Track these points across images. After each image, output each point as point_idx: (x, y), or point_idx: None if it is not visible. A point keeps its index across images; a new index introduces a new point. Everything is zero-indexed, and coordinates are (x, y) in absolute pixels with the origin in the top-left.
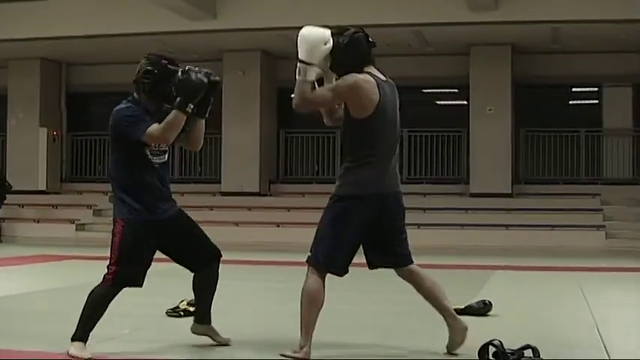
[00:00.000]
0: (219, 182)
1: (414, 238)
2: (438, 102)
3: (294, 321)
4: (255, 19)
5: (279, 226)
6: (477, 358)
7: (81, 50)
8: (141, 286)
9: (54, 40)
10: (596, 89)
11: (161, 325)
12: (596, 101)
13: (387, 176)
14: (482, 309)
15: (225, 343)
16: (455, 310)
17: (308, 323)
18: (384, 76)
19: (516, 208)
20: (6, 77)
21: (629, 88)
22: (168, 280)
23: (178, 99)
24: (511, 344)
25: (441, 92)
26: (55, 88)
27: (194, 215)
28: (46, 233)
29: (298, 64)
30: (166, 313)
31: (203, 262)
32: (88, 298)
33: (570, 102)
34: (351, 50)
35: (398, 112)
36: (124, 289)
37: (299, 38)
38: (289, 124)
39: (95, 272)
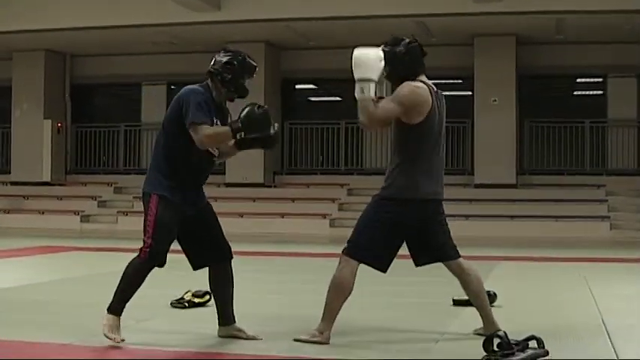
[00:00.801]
0: (224, 173)
1: None
2: (443, 93)
3: (299, 312)
4: (259, 11)
5: (283, 217)
6: (481, 349)
7: (85, 42)
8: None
9: (58, 32)
10: (600, 80)
11: (166, 317)
12: (601, 92)
13: (432, 183)
14: None
15: (254, 338)
16: (460, 301)
17: (332, 309)
18: (434, 86)
19: (521, 198)
20: (10, 69)
21: (633, 79)
22: (172, 272)
23: (239, 122)
24: (515, 335)
25: (444, 83)
26: (60, 80)
27: None
28: (50, 225)
29: (358, 84)
30: (171, 304)
31: (207, 261)
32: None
33: (575, 93)
34: (407, 60)
35: (444, 121)
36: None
37: (354, 60)
38: (294, 115)
39: (100, 263)
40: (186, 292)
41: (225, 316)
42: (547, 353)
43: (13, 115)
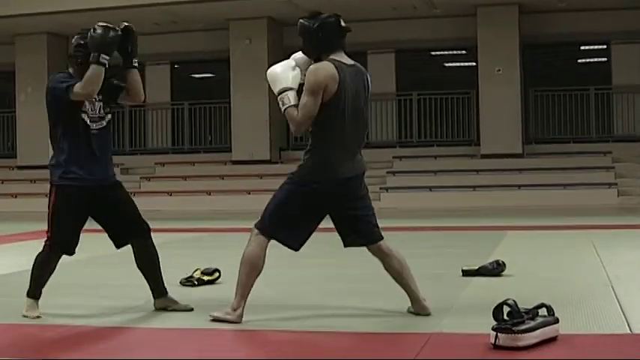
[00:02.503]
0: (230, 151)
1: (426, 201)
2: (447, 64)
3: (306, 287)
4: None
5: None
6: (491, 317)
7: (87, 23)
8: (71, 254)
9: (60, 15)
10: (604, 47)
11: (176, 295)
12: (605, 59)
13: (344, 161)
14: (495, 269)
15: (186, 309)
16: (469, 271)
17: (244, 286)
18: (351, 61)
19: (527, 168)
20: (13, 53)
21: (638, 45)
22: (180, 252)
23: (92, 54)
24: (525, 303)
25: (449, 54)
26: (63, 63)
27: (205, 184)
28: None
29: (278, 97)
30: (180, 282)
31: (126, 237)
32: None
33: (579, 60)
34: (321, 35)
35: (364, 98)
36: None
37: (268, 79)
38: (297, 89)
39: (107, 244)
40: (195, 270)
41: (158, 290)
42: (557, 321)
43: (17, 100)
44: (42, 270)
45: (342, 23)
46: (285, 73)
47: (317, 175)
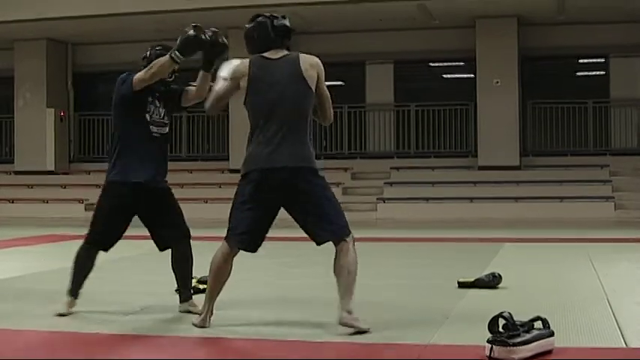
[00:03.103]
0: (228, 159)
1: (423, 212)
2: (445, 75)
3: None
4: None
5: None
6: (486, 330)
7: (86, 30)
8: (106, 250)
9: (59, 21)
10: (602, 60)
11: (172, 303)
12: (603, 72)
13: (274, 152)
14: (491, 281)
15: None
16: (465, 283)
17: (211, 291)
18: (284, 52)
19: (525, 180)
20: (12, 58)
21: (636, 59)
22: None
23: (171, 49)
24: (521, 316)
25: (447, 66)
26: (62, 69)
27: (203, 193)
28: (55, 213)
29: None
30: (176, 291)
31: (168, 241)
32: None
33: (577, 73)
34: (255, 36)
35: (293, 86)
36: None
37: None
38: None
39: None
40: (192, 279)
41: (184, 294)
42: (553, 334)
43: (16, 105)
44: (78, 265)
45: (278, 22)
46: (230, 65)
47: (249, 167)
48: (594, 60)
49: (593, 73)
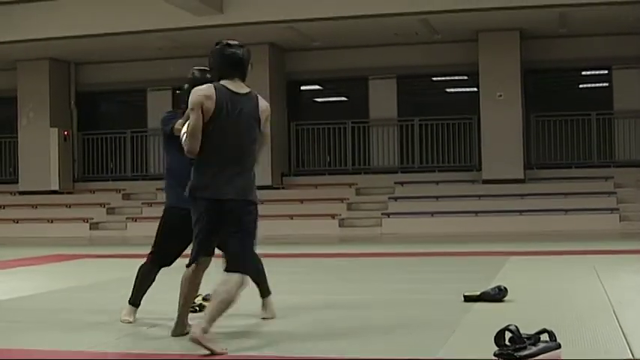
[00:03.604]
0: None
1: (428, 226)
2: (448, 89)
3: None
4: (262, 12)
5: (292, 219)
6: (493, 343)
7: (89, 49)
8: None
9: (61, 40)
10: (606, 72)
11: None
12: (606, 84)
13: (221, 183)
14: (497, 295)
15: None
16: (471, 296)
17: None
18: (245, 89)
19: (529, 193)
20: (15, 78)
21: (638, 70)
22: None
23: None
24: (527, 329)
25: (450, 80)
26: (65, 88)
27: None
28: (60, 233)
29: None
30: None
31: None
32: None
33: (580, 85)
34: (212, 62)
35: (252, 123)
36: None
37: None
38: (300, 116)
39: (110, 270)
40: (197, 297)
41: (263, 289)
42: (559, 346)
43: (19, 125)
44: (143, 279)
45: (227, 52)
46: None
47: (196, 193)
48: (597, 72)
49: (596, 85)
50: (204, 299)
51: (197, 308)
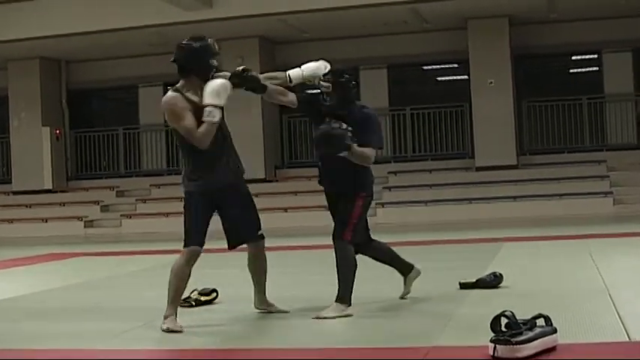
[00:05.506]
0: None
1: (423, 215)
2: (439, 78)
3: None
4: (252, 6)
5: (286, 211)
6: (489, 329)
7: (79, 47)
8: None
9: (51, 39)
10: (595, 56)
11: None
12: (597, 68)
13: (214, 171)
14: (493, 281)
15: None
16: (467, 284)
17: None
18: None
19: (522, 179)
20: (6, 78)
21: (628, 53)
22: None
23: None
24: (523, 314)
25: (441, 68)
26: (56, 87)
27: None
28: (54, 232)
29: (211, 108)
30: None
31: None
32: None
33: (571, 70)
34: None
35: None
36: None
37: (214, 87)
38: (291, 108)
39: (105, 267)
40: (193, 292)
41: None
42: (556, 330)
43: (11, 125)
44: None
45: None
46: (225, 92)
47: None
48: (587, 56)
49: (587, 69)
50: (199, 294)
51: (193, 303)
